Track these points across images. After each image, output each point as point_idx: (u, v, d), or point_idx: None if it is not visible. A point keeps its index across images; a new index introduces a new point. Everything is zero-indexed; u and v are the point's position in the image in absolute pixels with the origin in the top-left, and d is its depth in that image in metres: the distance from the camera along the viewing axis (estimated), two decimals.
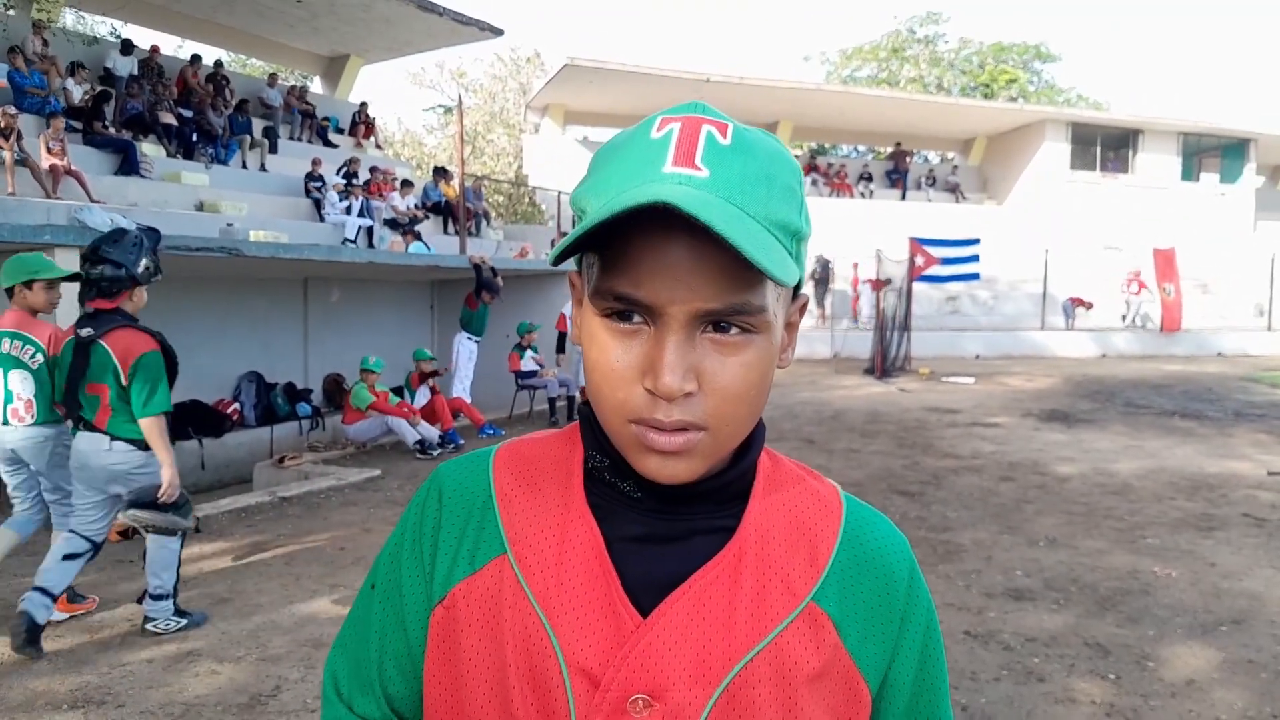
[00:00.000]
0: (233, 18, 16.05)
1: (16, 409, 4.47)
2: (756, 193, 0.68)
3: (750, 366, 0.69)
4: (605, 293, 0.68)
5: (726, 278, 0.66)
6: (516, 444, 0.85)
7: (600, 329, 0.70)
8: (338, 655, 0.87)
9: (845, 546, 0.79)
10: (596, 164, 0.73)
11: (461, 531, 0.79)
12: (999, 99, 33.47)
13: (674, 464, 0.70)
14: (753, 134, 0.71)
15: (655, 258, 0.66)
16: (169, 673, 3.95)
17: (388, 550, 0.85)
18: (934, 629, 0.82)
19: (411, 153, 33.25)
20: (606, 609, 0.73)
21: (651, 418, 0.68)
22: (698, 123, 0.69)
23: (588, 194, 0.71)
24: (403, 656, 0.82)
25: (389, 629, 0.82)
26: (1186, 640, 4.30)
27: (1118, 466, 8.28)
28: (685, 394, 0.67)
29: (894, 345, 16.63)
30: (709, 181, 0.66)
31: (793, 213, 0.70)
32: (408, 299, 13.75)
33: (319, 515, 6.83)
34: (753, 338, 0.69)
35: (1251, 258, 22.92)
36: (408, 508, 0.85)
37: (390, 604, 0.82)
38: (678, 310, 0.66)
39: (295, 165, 14.46)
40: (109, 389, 4.09)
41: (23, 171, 9.82)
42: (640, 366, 0.68)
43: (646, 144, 0.69)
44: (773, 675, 0.73)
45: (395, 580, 0.82)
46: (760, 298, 0.68)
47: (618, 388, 0.69)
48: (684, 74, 22.52)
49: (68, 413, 4.24)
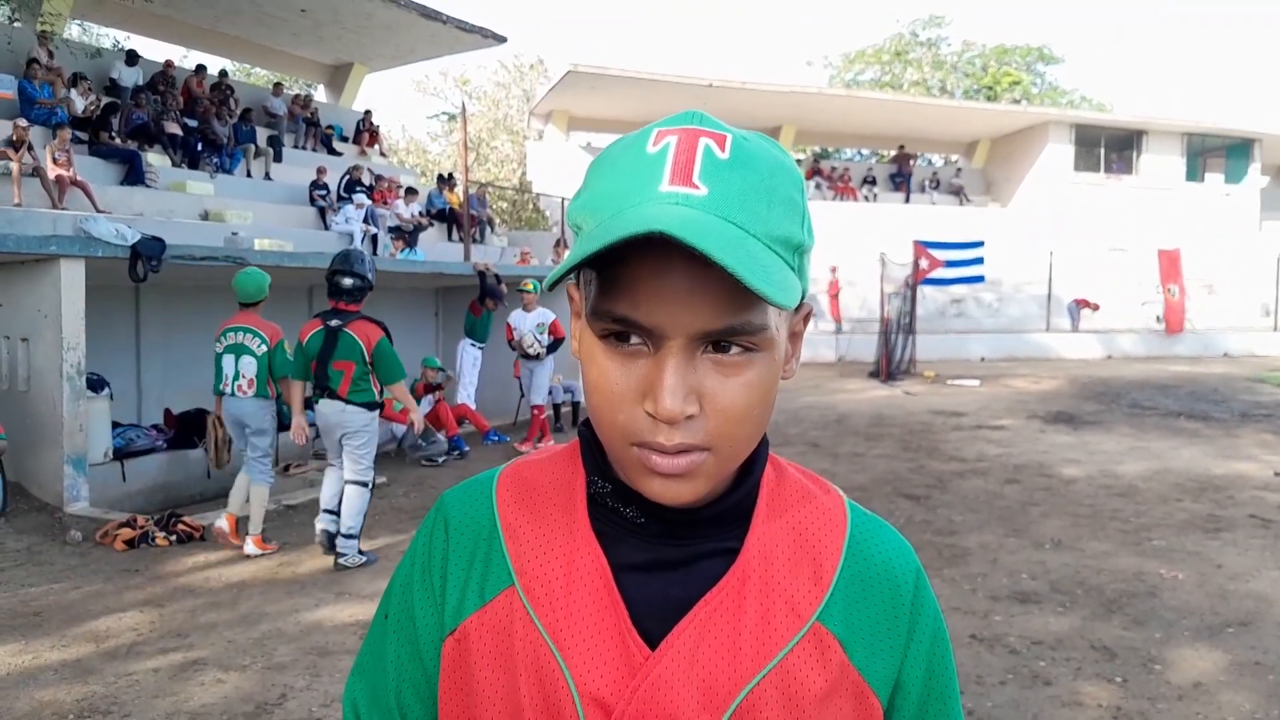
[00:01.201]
0: (236, 27, 16.12)
1: (241, 385, 5.87)
2: (757, 209, 0.66)
3: (752, 386, 0.68)
4: (603, 314, 0.68)
5: (726, 299, 0.65)
6: (518, 467, 0.85)
7: (599, 351, 0.69)
8: (357, 681, 0.88)
9: (850, 562, 0.79)
10: (592, 177, 0.72)
11: (469, 563, 0.79)
12: (1002, 101, 33.44)
13: (677, 486, 0.69)
14: (752, 144, 0.69)
15: (654, 280, 0.65)
16: (175, 682, 3.96)
17: (399, 579, 0.85)
18: (942, 637, 0.82)
19: (416, 160, 33.34)
20: (616, 638, 0.73)
21: (653, 440, 0.67)
22: (695, 135, 0.68)
23: (583, 210, 0.70)
24: (420, 684, 0.82)
25: (404, 658, 0.83)
26: (1193, 642, 4.29)
27: (1123, 468, 8.26)
28: (687, 416, 0.66)
29: (899, 348, 16.62)
30: (707, 200, 0.65)
31: (794, 226, 0.69)
32: (412, 306, 13.76)
33: None
34: (754, 356, 0.68)
35: (1257, 258, 22.86)
36: (415, 537, 0.86)
37: (404, 634, 0.83)
38: (677, 332, 0.65)
39: (300, 174, 14.51)
40: (354, 365, 5.46)
41: (29, 182, 9.87)
42: (640, 389, 0.67)
43: (643, 159, 0.67)
44: (780, 698, 0.73)
45: (408, 610, 0.83)
46: (761, 316, 0.67)
47: (618, 410, 0.68)
48: (687, 80, 22.54)
49: (317, 384, 5.56)
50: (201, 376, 10.45)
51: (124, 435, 8.89)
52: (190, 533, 6.34)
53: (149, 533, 6.21)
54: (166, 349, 10.29)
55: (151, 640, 4.45)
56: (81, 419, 7.08)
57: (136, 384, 10.00)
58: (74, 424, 6.99)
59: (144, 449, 9.09)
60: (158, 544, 6.16)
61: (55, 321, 6.97)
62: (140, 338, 10.07)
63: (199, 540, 6.31)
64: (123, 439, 8.82)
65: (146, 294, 9.71)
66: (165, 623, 4.71)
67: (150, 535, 6.20)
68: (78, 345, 7.02)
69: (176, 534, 6.29)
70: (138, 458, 8.91)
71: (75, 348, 7.00)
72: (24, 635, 4.52)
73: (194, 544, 6.25)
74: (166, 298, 10.11)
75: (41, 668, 4.12)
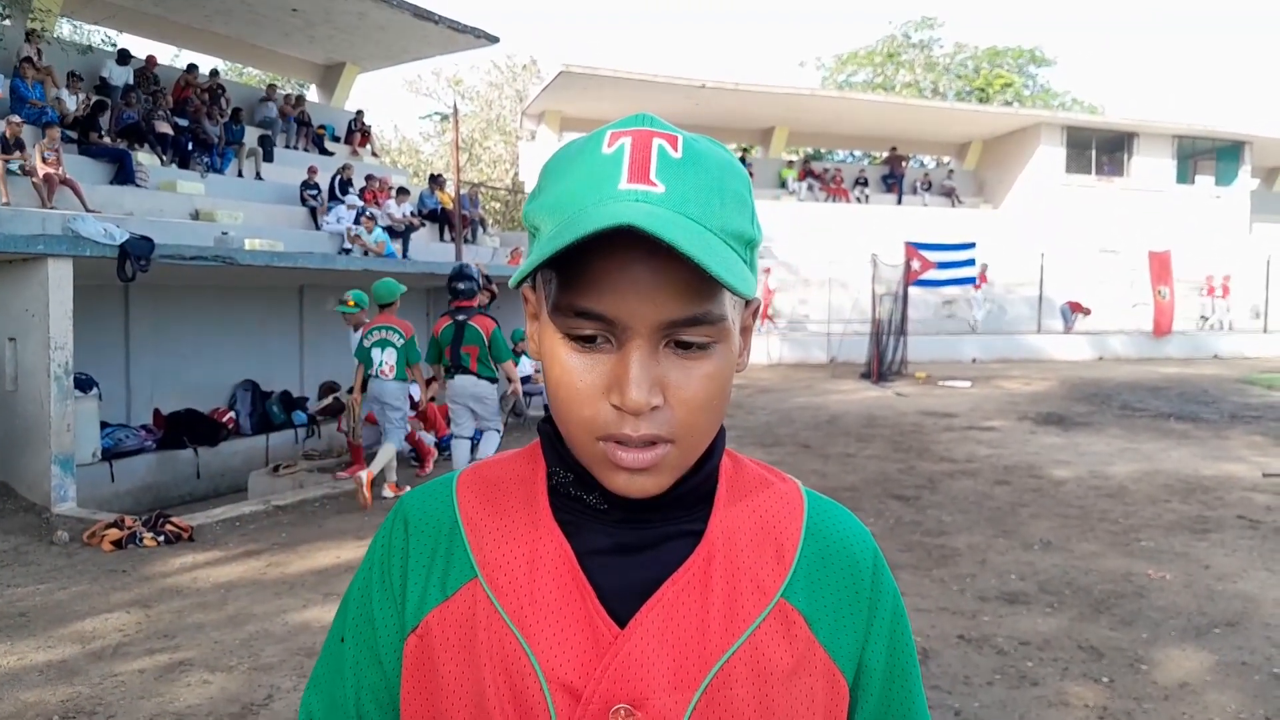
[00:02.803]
0: (228, 26, 16.08)
1: (384, 370, 7.34)
2: (711, 205, 0.68)
3: (713, 377, 0.70)
4: (566, 309, 0.69)
5: (688, 291, 0.67)
6: (477, 468, 0.85)
7: (561, 347, 0.70)
8: (312, 695, 0.86)
9: (810, 541, 0.80)
10: (547, 179, 0.72)
11: (430, 559, 0.79)
12: (994, 103, 33.52)
13: (642, 480, 0.71)
14: (701, 144, 0.71)
15: (616, 275, 0.66)
16: (161, 682, 3.94)
17: (356, 584, 0.85)
18: (901, 615, 0.83)
19: (408, 160, 33.30)
20: (583, 622, 0.73)
21: (620, 432, 0.69)
22: (648, 136, 0.69)
23: (540, 211, 0.71)
24: (379, 690, 0.81)
25: (363, 663, 0.82)
26: (1180, 643, 4.30)
27: (1113, 469, 8.28)
28: (652, 408, 0.68)
29: (890, 350, 16.64)
30: (665, 197, 0.66)
31: (745, 222, 0.71)
32: (403, 307, 13.74)
33: (313, 524, 6.82)
34: (714, 348, 0.70)
35: (1247, 260, 22.96)
36: (373, 540, 0.85)
37: (363, 638, 0.82)
38: (641, 325, 0.67)
39: (291, 174, 14.47)
40: (478, 349, 6.92)
41: (18, 181, 9.83)
42: (605, 384, 0.69)
43: (599, 159, 0.69)
44: (749, 674, 0.74)
45: (367, 613, 0.82)
46: (720, 307, 0.69)
47: (584, 405, 0.69)
48: (679, 80, 22.55)
49: (453, 364, 6.98)
50: (191, 377, 10.48)
51: (113, 435, 8.85)
52: (178, 533, 6.31)
53: (137, 533, 6.19)
54: (156, 349, 10.26)
55: (138, 641, 4.43)
56: (69, 419, 7.05)
57: (125, 384, 9.96)
58: (62, 424, 6.96)
59: (133, 449, 9.06)
60: (145, 545, 6.13)
61: (43, 321, 6.94)
62: (129, 338, 10.03)
63: (187, 541, 6.29)
64: (111, 439, 8.78)
65: (136, 294, 9.67)
66: (152, 623, 4.68)
67: (138, 536, 6.17)
68: (65, 345, 6.98)
69: (164, 535, 6.26)
70: (126, 458, 8.88)
71: (63, 347, 6.96)
72: (9, 636, 4.50)
73: (182, 545, 6.22)
74: (156, 298, 10.08)
75: (26, 668, 4.10)
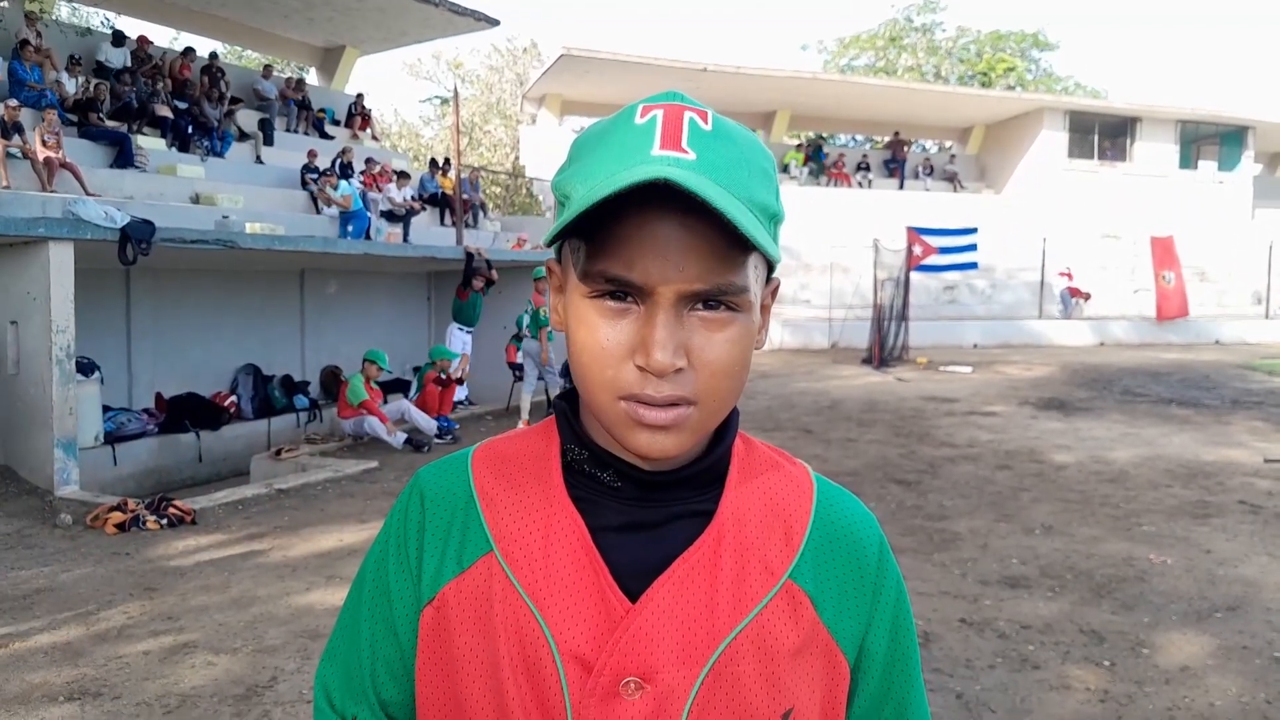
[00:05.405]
0: (227, 8, 15.97)
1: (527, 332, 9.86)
2: (739, 175, 0.70)
3: (735, 343, 0.72)
4: (595, 275, 0.70)
5: (715, 258, 0.69)
6: (493, 443, 0.86)
7: (589, 309, 0.72)
8: (328, 666, 0.87)
9: (818, 525, 0.82)
10: (580, 151, 0.75)
11: (446, 532, 0.81)
12: (996, 87, 33.36)
13: (663, 439, 0.72)
14: (729, 122, 0.74)
15: (647, 238, 0.68)
16: (165, 664, 3.96)
17: (373, 557, 0.86)
18: (904, 601, 0.85)
19: (408, 144, 33.18)
20: (596, 596, 0.75)
21: (643, 393, 0.70)
22: (679, 109, 0.72)
23: (572, 179, 0.73)
24: (394, 661, 0.82)
25: (379, 635, 0.83)
26: (1181, 627, 4.32)
27: (1114, 454, 8.29)
28: (676, 370, 0.70)
29: (891, 335, 16.61)
30: (697, 164, 0.68)
31: (771, 196, 0.73)
32: (405, 290, 13.73)
33: (315, 507, 6.83)
34: (737, 315, 0.72)
35: (1249, 245, 22.90)
36: (390, 514, 0.86)
37: (379, 609, 0.83)
38: (668, 289, 0.69)
39: (291, 157, 14.42)
40: None
41: (18, 164, 9.79)
42: (630, 344, 0.71)
43: (632, 129, 0.71)
44: (755, 652, 0.76)
45: (383, 585, 0.83)
46: (743, 278, 0.71)
47: (608, 365, 0.71)
48: (681, 64, 22.42)
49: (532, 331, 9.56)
50: (193, 361, 10.48)
51: (115, 419, 8.86)
52: (181, 516, 6.33)
53: (140, 516, 6.20)
54: (157, 332, 10.25)
55: (142, 623, 4.45)
56: (71, 402, 7.05)
57: (127, 368, 9.96)
58: (64, 407, 6.96)
59: (135, 433, 9.07)
60: (148, 528, 6.14)
61: (44, 304, 6.93)
62: (131, 321, 10.02)
63: (190, 524, 6.30)
64: (113, 423, 8.79)
65: (137, 277, 9.66)
66: (156, 606, 4.70)
67: (141, 519, 6.19)
68: (67, 328, 6.98)
69: (167, 517, 6.27)
70: (129, 441, 8.89)
71: (65, 330, 6.96)
72: (15, 618, 4.52)
73: (185, 528, 6.24)
74: (157, 281, 10.06)
75: (32, 650, 4.11)
